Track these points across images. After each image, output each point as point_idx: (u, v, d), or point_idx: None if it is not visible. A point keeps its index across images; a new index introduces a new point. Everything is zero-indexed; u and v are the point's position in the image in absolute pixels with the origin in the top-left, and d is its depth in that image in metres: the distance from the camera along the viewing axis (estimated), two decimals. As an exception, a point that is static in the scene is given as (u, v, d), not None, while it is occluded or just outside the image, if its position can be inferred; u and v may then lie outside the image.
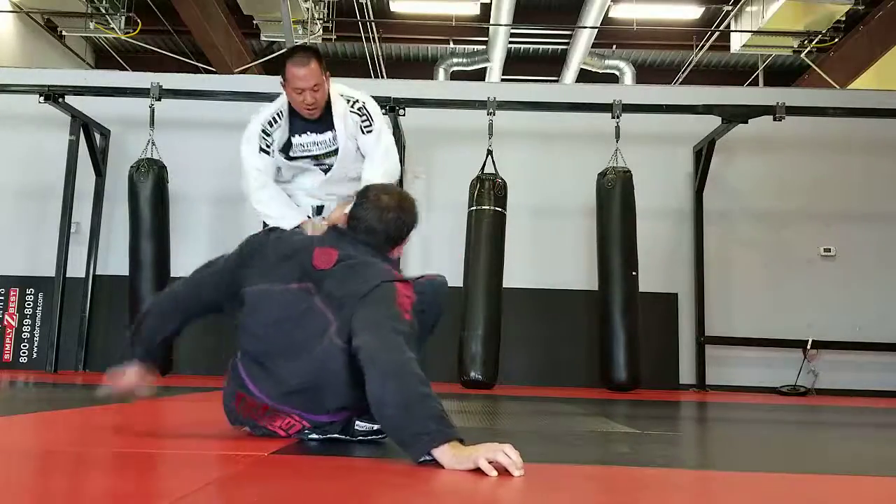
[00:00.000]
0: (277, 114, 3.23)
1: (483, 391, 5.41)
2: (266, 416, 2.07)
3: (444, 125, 6.83)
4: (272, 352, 2.01)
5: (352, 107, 3.19)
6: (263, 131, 3.21)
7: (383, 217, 2.11)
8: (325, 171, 3.28)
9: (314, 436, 2.11)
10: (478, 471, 1.64)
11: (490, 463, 1.63)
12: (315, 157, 3.27)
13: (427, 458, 1.70)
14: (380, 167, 3.18)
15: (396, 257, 2.21)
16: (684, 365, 6.68)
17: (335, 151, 3.22)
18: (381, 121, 3.26)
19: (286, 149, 3.25)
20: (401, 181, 6.59)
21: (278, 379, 2.01)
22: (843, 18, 9.85)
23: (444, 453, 1.68)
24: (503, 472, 1.63)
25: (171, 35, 11.20)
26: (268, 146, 3.21)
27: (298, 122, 3.21)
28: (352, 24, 10.83)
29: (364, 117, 3.18)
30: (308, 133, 3.22)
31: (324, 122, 3.18)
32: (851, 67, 10.63)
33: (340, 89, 3.22)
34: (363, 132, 3.19)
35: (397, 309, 1.90)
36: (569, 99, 6.73)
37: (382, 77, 11.67)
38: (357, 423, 2.07)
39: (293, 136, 3.23)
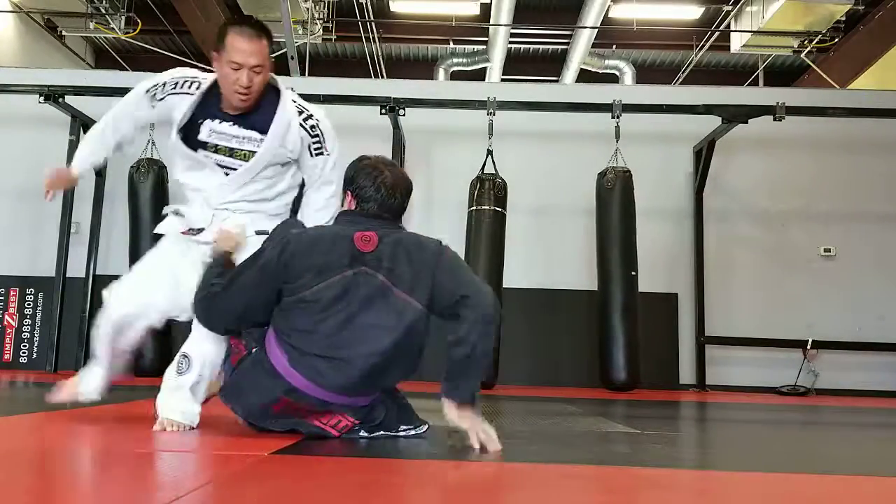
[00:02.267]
0: (189, 81, 2.63)
1: (483, 391, 5.41)
2: (314, 413, 2.14)
3: (444, 125, 6.83)
4: (343, 343, 2.10)
5: (304, 120, 2.61)
6: (160, 84, 2.65)
7: (396, 192, 2.25)
8: (226, 174, 2.59)
9: (363, 433, 2.20)
10: (477, 472, 1.64)
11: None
12: (225, 151, 2.58)
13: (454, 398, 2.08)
14: (323, 211, 2.64)
15: None
16: (684, 365, 6.68)
17: (251, 154, 2.57)
18: (337, 149, 2.68)
19: (188, 131, 2.59)
20: None
21: (354, 364, 2.09)
22: (843, 18, 9.84)
23: (453, 409, 2.07)
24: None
25: (171, 35, 11.19)
26: (155, 97, 2.65)
27: (216, 105, 2.59)
28: (352, 24, 10.83)
29: (316, 138, 2.63)
30: (228, 123, 2.58)
31: (253, 119, 2.58)
32: (851, 67, 10.62)
33: (293, 95, 2.67)
34: (311, 153, 2.63)
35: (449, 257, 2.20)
36: (569, 99, 6.72)
37: (382, 77, 11.67)
38: (401, 427, 2.25)
39: (206, 119, 2.58)
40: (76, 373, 2.68)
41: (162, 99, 2.63)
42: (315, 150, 2.62)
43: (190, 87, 2.60)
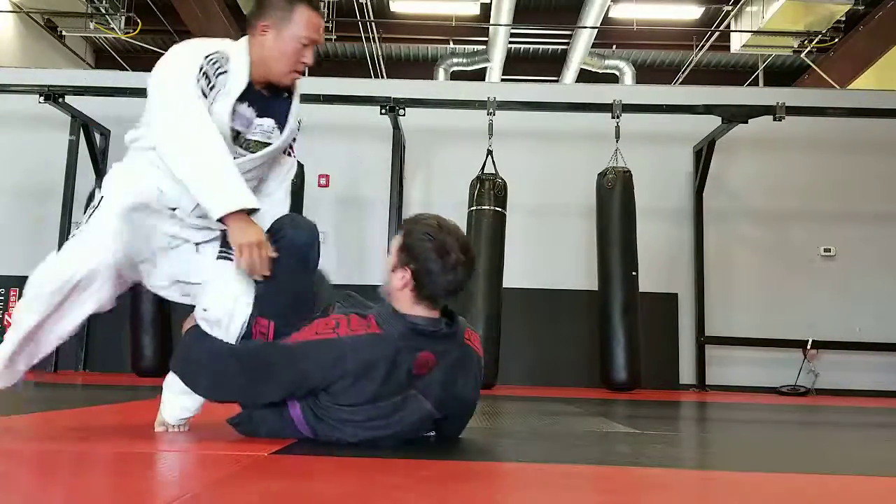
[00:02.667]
0: (220, 56, 2.16)
1: (483, 391, 5.42)
2: None
3: (444, 125, 6.83)
4: (373, 432, 2.04)
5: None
6: (204, 71, 2.11)
7: (464, 273, 2.02)
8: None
9: None
10: (477, 472, 1.63)
11: None
12: (243, 143, 2.23)
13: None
14: (285, 202, 2.40)
15: None
16: (684, 365, 6.68)
17: (266, 145, 2.26)
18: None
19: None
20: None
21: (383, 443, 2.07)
22: (843, 18, 9.85)
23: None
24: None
25: (171, 35, 11.19)
26: (204, 93, 2.11)
27: (253, 88, 2.22)
28: (352, 24, 10.83)
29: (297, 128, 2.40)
30: (253, 108, 2.24)
31: (271, 105, 2.27)
32: (851, 67, 10.62)
33: None
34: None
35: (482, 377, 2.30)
36: (569, 99, 6.73)
37: (382, 77, 11.67)
38: None
39: (245, 103, 2.21)
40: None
41: (210, 95, 2.13)
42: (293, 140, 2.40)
43: (224, 64, 2.16)
